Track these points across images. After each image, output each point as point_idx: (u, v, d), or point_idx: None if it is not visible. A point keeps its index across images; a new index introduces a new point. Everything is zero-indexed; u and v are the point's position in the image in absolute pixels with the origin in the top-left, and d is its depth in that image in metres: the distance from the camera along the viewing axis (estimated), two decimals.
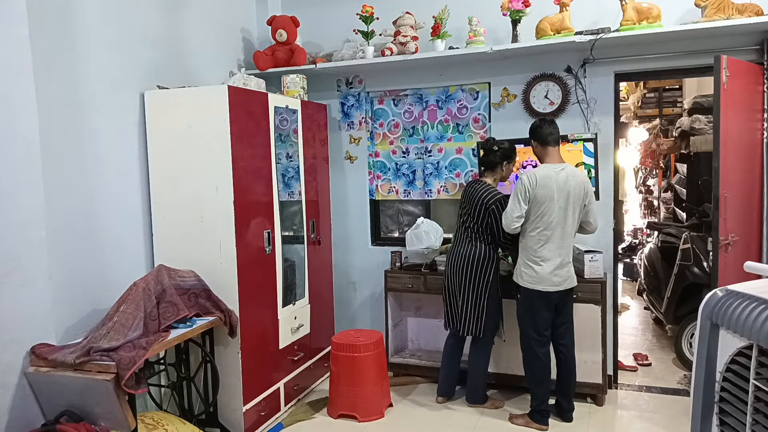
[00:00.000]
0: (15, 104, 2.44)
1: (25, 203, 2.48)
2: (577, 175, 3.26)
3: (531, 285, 3.23)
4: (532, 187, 3.15)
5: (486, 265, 3.44)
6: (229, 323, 3.07)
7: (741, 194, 3.39)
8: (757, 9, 3.28)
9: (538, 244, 3.20)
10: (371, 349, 3.55)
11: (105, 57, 3.01)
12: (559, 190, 3.16)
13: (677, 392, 3.83)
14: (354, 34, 4.11)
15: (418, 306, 4.31)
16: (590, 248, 3.67)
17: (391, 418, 3.57)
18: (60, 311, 2.69)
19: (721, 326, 1.67)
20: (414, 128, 4.30)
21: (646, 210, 8.34)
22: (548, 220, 3.17)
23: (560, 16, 3.60)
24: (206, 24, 3.84)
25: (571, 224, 3.22)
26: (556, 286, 3.21)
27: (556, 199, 3.16)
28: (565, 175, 3.20)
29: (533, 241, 3.21)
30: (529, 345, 3.31)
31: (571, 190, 3.18)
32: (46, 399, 2.50)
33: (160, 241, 3.29)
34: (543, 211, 3.16)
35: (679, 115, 6.29)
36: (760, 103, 3.49)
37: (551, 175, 3.18)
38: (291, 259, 3.85)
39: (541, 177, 3.17)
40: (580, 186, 3.22)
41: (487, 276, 3.44)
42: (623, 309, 5.69)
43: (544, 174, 3.19)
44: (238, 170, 3.16)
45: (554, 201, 3.16)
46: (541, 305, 3.25)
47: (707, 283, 3.81)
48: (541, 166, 3.29)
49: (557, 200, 3.16)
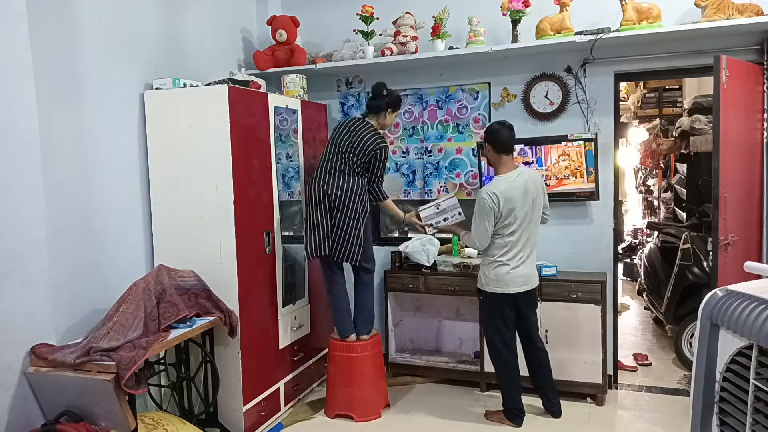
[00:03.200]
0: (15, 104, 2.44)
1: (25, 203, 2.48)
2: (532, 175, 3.28)
3: (496, 289, 3.24)
4: (497, 206, 3.12)
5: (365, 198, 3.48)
6: (229, 323, 3.07)
7: (741, 194, 3.39)
8: (757, 9, 3.28)
9: (503, 249, 3.21)
10: (368, 349, 3.55)
11: (105, 57, 3.01)
12: (522, 199, 3.16)
13: (677, 392, 3.83)
14: (354, 34, 4.11)
15: (418, 306, 4.32)
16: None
17: (387, 418, 3.57)
18: (60, 311, 2.69)
19: (721, 326, 1.67)
20: (414, 128, 4.30)
21: (646, 210, 8.35)
22: (513, 228, 3.18)
23: (560, 16, 3.60)
24: (206, 24, 3.84)
25: (535, 224, 3.26)
26: (521, 286, 3.24)
27: (519, 207, 3.16)
28: (522, 180, 3.19)
29: (496, 246, 3.22)
30: (497, 348, 3.33)
31: (531, 194, 3.20)
32: (46, 399, 2.50)
33: (160, 241, 3.29)
34: (509, 222, 3.17)
35: (679, 115, 6.29)
36: (759, 103, 3.49)
37: (512, 186, 3.15)
38: (291, 259, 3.85)
39: (502, 193, 3.13)
40: (537, 186, 3.25)
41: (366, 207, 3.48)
42: (623, 309, 5.69)
43: (504, 188, 3.14)
44: (238, 170, 3.16)
45: (518, 210, 3.16)
46: (505, 308, 3.27)
47: (707, 283, 3.81)
48: (497, 179, 3.21)
49: (520, 209, 3.16)
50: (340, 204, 3.40)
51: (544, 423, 3.42)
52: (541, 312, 3.62)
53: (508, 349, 3.33)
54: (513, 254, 3.20)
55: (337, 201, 3.41)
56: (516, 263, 3.21)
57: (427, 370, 4.07)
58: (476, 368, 3.90)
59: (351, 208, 3.41)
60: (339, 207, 3.41)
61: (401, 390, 3.97)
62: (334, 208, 3.41)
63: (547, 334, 3.65)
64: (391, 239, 4.55)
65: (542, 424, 3.41)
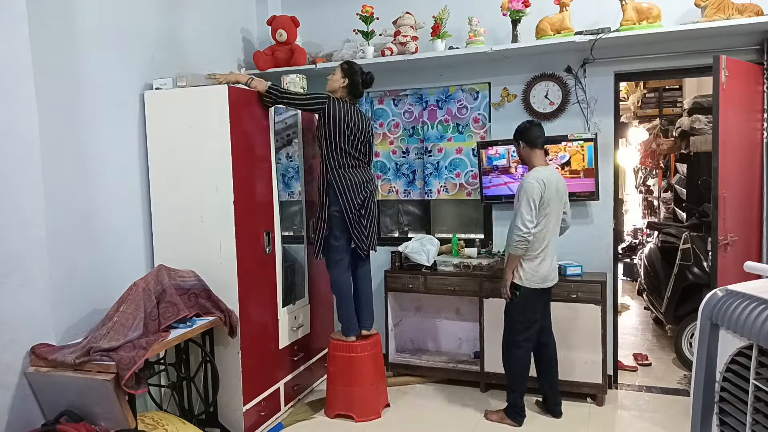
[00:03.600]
0: (15, 104, 2.44)
1: (25, 203, 2.48)
2: (560, 176, 3.40)
3: (532, 284, 3.25)
4: (542, 189, 3.18)
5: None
6: (229, 323, 3.07)
7: (740, 194, 3.39)
8: (757, 9, 3.29)
9: (542, 243, 3.23)
10: (368, 349, 3.55)
11: (105, 57, 3.01)
12: (557, 191, 3.25)
13: (677, 392, 3.83)
14: (354, 34, 4.11)
15: (418, 306, 4.32)
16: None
17: (387, 418, 3.57)
18: (60, 311, 2.69)
19: (721, 326, 1.67)
20: (414, 128, 4.30)
21: (646, 210, 8.35)
22: (549, 219, 3.24)
23: (560, 16, 3.60)
24: (206, 24, 3.84)
25: (557, 222, 3.33)
26: (552, 281, 3.33)
27: (555, 199, 3.23)
28: (557, 176, 3.33)
29: (537, 240, 3.22)
30: (516, 342, 3.34)
31: (562, 191, 3.30)
32: (46, 399, 2.50)
33: (160, 241, 3.29)
34: (548, 212, 3.22)
35: (679, 115, 6.29)
36: (759, 103, 3.49)
37: (550, 176, 3.24)
38: (291, 259, 3.86)
39: (546, 178, 3.21)
40: (564, 186, 3.36)
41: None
42: (623, 309, 5.69)
43: (545, 176, 3.22)
44: (238, 170, 3.16)
45: (554, 201, 3.23)
46: (536, 302, 3.31)
47: (707, 283, 3.81)
48: (536, 169, 3.28)
49: (555, 201, 3.24)
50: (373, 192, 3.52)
51: (544, 423, 3.42)
52: None
53: (529, 346, 3.35)
54: (548, 249, 3.27)
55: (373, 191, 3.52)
56: (550, 259, 3.29)
57: (427, 370, 4.07)
58: (476, 368, 3.90)
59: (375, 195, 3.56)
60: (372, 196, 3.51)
61: (401, 390, 3.97)
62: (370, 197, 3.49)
63: None
64: (391, 239, 4.55)
65: (542, 424, 3.41)
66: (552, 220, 3.25)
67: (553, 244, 3.30)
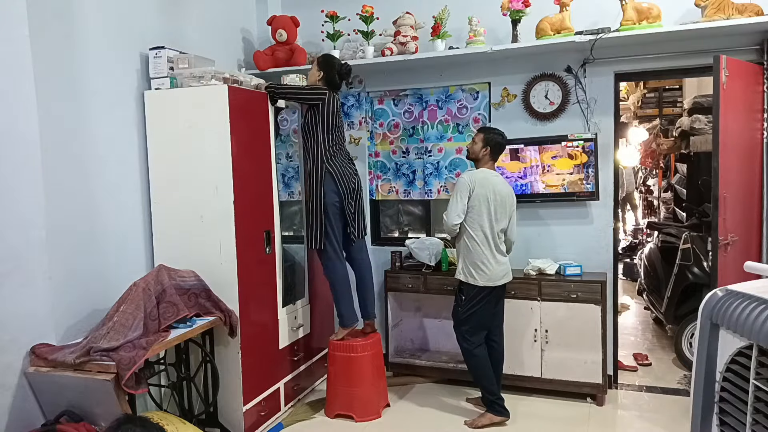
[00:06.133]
0: (15, 104, 2.44)
1: (25, 203, 2.48)
2: (507, 184, 3.46)
3: (483, 282, 3.32)
4: (470, 187, 3.30)
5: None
6: (229, 323, 3.07)
7: (741, 194, 3.39)
8: (757, 9, 3.29)
9: (484, 244, 3.31)
10: (368, 350, 3.55)
11: (105, 57, 3.01)
12: (496, 193, 3.33)
13: (677, 392, 3.83)
14: (354, 34, 4.11)
15: (418, 306, 4.31)
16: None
17: (387, 418, 3.57)
18: (60, 311, 2.69)
19: (721, 326, 1.67)
20: (414, 128, 4.29)
21: (646, 210, 8.35)
22: (482, 217, 3.30)
23: (560, 16, 3.60)
24: (206, 24, 3.84)
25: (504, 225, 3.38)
26: (501, 279, 3.37)
27: (492, 200, 3.31)
28: (499, 179, 3.42)
29: (479, 240, 3.31)
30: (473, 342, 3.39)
31: (504, 198, 3.36)
32: (46, 399, 2.50)
33: (160, 241, 3.29)
34: (481, 210, 3.30)
35: (679, 115, 6.30)
36: (759, 103, 3.49)
37: (486, 177, 3.35)
38: (291, 259, 3.85)
39: (480, 179, 3.33)
40: (510, 194, 3.42)
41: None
42: (623, 309, 5.69)
43: (481, 177, 3.35)
44: (238, 170, 3.16)
45: (489, 202, 3.30)
46: (489, 301, 3.37)
47: (707, 283, 3.81)
48: (481, 169, 3.42)
49: (492, 202, 3.31)
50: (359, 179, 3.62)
51: (543, 423, 3.42)
52: (541, 312, 3.63)
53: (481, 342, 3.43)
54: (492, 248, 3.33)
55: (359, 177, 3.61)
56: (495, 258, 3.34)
57: (427, 370, 4.07)
58: None
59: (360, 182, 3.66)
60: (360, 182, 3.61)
61: (401, 390, 3.97)
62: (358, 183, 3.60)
63: (547, 334, 3.65)
64: (390, 239, 4.55)
65: (542, 424, 3.41)
66: (486, 219, 3.30)
67: (495, 244, 3.33)
